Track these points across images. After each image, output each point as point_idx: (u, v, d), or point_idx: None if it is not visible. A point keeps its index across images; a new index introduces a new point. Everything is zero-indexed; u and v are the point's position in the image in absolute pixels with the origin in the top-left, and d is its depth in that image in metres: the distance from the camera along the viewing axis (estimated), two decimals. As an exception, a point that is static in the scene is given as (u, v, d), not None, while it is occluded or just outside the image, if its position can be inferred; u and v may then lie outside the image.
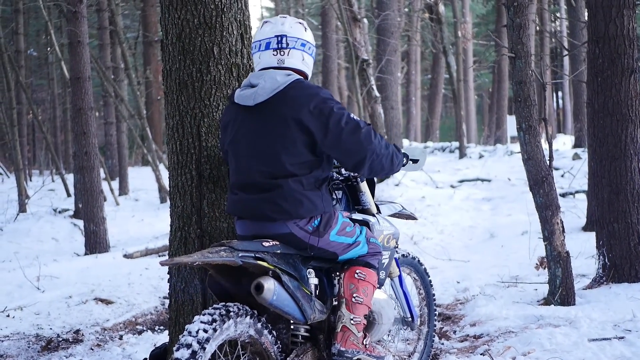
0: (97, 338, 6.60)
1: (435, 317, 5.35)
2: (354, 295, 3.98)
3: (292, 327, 3.96)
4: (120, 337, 6.58)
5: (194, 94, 4.42)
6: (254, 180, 3.80)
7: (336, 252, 3.99)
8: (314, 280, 3.96)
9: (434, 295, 5.36)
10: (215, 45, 4.42)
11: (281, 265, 3.67)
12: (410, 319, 4.97)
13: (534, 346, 5.10)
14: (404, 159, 4.31)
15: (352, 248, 4.07)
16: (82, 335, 6.73)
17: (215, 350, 3.39)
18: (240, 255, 3.49)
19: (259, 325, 3.58)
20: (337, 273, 4.18)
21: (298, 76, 3.88)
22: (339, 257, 4.04)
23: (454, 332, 6.06)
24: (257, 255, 3.57)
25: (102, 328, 7.02)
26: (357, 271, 4.06)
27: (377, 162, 3.90)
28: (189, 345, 3.17)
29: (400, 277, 4.94)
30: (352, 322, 3.95)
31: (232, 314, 3.39)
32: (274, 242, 3.73)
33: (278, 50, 3.88)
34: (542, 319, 5.79)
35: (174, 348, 3.20)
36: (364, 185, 4.54)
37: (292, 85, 3.79)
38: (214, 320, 3.30)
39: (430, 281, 5.34)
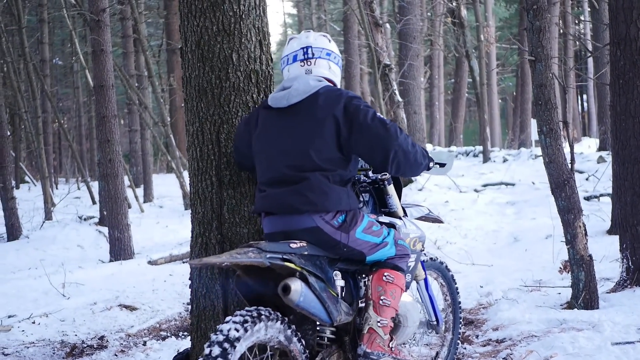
0: (121, 344, 6.65)
1: (461, 324, 5.34)
2: (382, 297, 4.02)
3: (318, 328, 4.01)
4: (144, 343, 6.62)
5: (213, 100, 4.44)
6: (282, 175, 3.89)
7: (363, 252, 4.01)
8: (340, 282, 4.00)
9: (459, 302, 5.37)
10: (234, 52, 4.44)
11: (308, 266, 3.72)
12: (435, 323, 4.99)
13: (556, 350, 5.07)
14: (430, 161, 4.32)
15: (380, 249, 4.09)
16: (107, 341, 6.78)
17: (244, 352, 3.42)
18: (267, 256, 3.55)
19: (289, 331, 3.62)
20: (364, 275, 4.22)
21: (328, 83, 4.08)
22: (366, 257, 4.06)
23: (477, 336, 6.05)
24: (284, 256, 3.62)
25: (126, 334, 7.06)
26: (385, 274, 4.09)
27: (403, 159, 3.96)
28: (219, 343, 3.22)
29: (426, 280, 4.96)
30: (378, 324, 3.98)
31: (263, 317, 3.43)
32: (301, 244, 3.77)
33: (305, 61, 4.09)
34: (564, 323, 5.76)
35: (205, 345, 3.25)
36: (391, 189, 4.56)
37: (323, 89, 3.96)
38: (246, 322, 3.34)
39: (457, 288, 5.34)
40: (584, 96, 47.72)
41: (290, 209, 3.82)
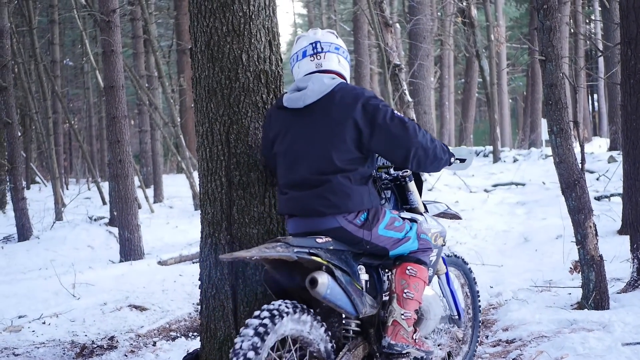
0: (131, 344, 6.65)
1: (481, 322, 5.36)
2: (405, 290, 4.11)
3: (343, 321, 4.08)
4: (154, 344, 6.63)
5: (223, 101, 4.44)
6: (304, 178, 3.96)
7: (386, 247, 4.11)
8: (364, 276, 4.11)
9: (479, 299, 5.45)
10: (244, 53, 4.45)
11: (334, 260, 3.81)
12: (457, 317, 5.05)
13: (566, 351, 5.05)
14: (451, 157, 4.39)
15: (402, 243, 4.19)
16: (117, 341, 6.78)
17: (275, 344, 3.52)
18: (295, 250, 3.65)
19: (316, 324, 3.71)
20: (387, 270, 4.33)
21: (342, 80, 4.14)
22: (389, 252, 4.16)
23: (487, 336, 6.03)
24: (311, 250, 3.72)
25: (136, 334, 7.06)
26: (409, 267, 4.18)
27: (423, 155, 4.05)
28: (249, 337, 3.31)
29: (447, 274, 5.03)
30: (402, 316, 4.07)
31: (291, 310, 3.53)
32: (326, 239, 3.88)
33: (315, 56, 4.16)
34: (575, 323, 5.74)
35: (235, 340, 3.33)
36: (412, 185, 4.64)
37: (338, 87, 4.02)
38: (274, 315, 3.43)
39: (474, 278, 5.43)
40: (595, 96, 47.58)
41: (313, 212, 3.92)
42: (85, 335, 7.06)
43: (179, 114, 24.81)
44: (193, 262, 10.96)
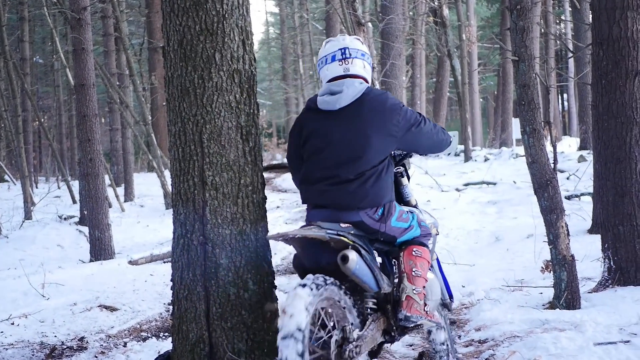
0: (101, 345, 6.58)
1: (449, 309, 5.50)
2: (414, 269, 4.52)
3: (364, 298, 4.43)
4: (125, 345, 6.56)
5: (196, 100, 4.40)
6: (336, 173, 4.34)
7: (395, 236, 4.55)
8: (378, 259, 4.56)
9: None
10: (217, 52, 4.41)
11: (358, 241, 4.26)
12: (449, 301, 5.29)
13: (539, 351, 5.07)
14: (449, 137, 4.85)
15: (408, 231, 4.61)
16: (87, 342, 6.71)
17: (317, 312, 3.90)
18: (327, 232, 4.09)
19: (347, 297, 4.10)
20: (395, 256, 4.71)
21: (368, 84, 4.53)
22: (397, 239, 4.59)
23: (459, 336, 6.03)
24: (339, 232, 4.16)
25: (106, 335, 7.00)
26: (414, 249, 4.59)
27: (436, 142, 4.70)
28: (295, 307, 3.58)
29: (438, 261, 5.33)
30: (414, 292, 4.46)
31: (328, 282, 3.90)
32: (347, 225, 4.29)
33: (343, 61, 4.49)
34: (547, 323, 5.76)
35: (282, 311, 3.52)
36: (405, 180, 4.99)
37: (368, 90, 4.42)
38: (317, 285, 3.77)
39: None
40: (565, 95, 47.96)
41: (341, 206, 4.33)
42: (55, 336, 6.98)
43: (150, 113, 24.63)
44: (164, 262, 10.90)
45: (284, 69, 46.26)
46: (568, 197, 13.35)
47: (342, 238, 4.14)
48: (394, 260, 4.74)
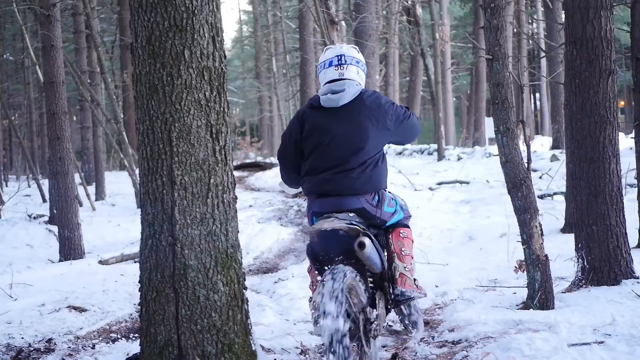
0: (69, 347, 6.46)
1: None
2: (402, 249, 5.13)
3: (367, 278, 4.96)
4: (93, 346, 6.44)
5: (165, 98, 4.31)
6: (341, 163, 4.89)
7: (386, 220, 5.13)
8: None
9: None
10: (186, 49, 4.32)
11: (366, 229, 4.83)
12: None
13: (513, 352, 5.01)
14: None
15: (395, 215, 5.20)
16: (55, 344, 6.59)
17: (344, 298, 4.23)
18: (345, 222, 4.66)
19: (359, 279, 4.60)
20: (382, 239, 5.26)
21: (362, 86, 5.13)
22: (386, 223, 5.15)
23: (432, 337, 5.96)
24: (351, 222, 4.72)
25: (75, 337, 6.87)
26: (401, 231, 5.21)
27: (418, 129, 5.35)
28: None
29: None
30: (405, 269, 5.08)
31: (347, 268, 4.38)
32: (353, 214, 4.84)
33: (339, 66, 5.08)
34: (521, 324, 5.71)
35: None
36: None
37: (363, 92, 5.03)
38: (343, 272, 4.28)
39: None
40: (537, 95, 48.20)
41: (344, 191, 4.87)
42: (22, 338, 6.84)
43: (122, 111, 24.48)
44: (135, 262, 10.77)
45: (257, 68, 46.16)
46: (541, 197, 13.38)
47: (356, 227, 4.69)
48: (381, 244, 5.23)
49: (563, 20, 7.40)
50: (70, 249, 11.19)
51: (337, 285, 4.11)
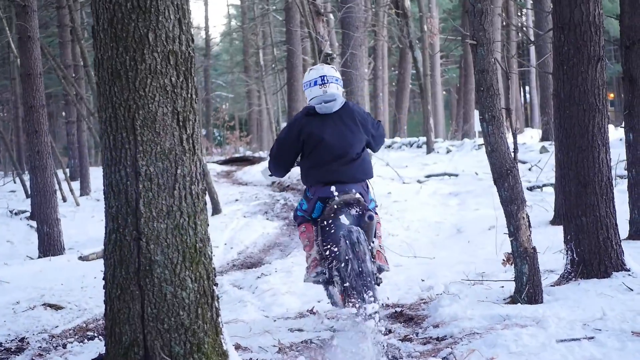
0: (40, 347, 6.24)
1: None
2: (376, 231, 6.24)
3: None
4: (64, 346, 6.21)
5: (128, 84, 4.05)
6: (344, 154, 6.09)
7: (367, 205, 6.14)
8: None
9: None
10: (151, 31, 4.06)
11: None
12: None
13: (499, 349, 4.81)
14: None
15: (372, 203, 6.37)
16: (27, 343, 6.39)
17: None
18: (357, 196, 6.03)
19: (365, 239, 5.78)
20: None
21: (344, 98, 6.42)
22: (367, 207, 6.10)
23: (416, 334, 5.73)
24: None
25: (49, 335, 6.70)
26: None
27: (384, 140, 6.72)
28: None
29: None
30: (380, 247, 6.26)
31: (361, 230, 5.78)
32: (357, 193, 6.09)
33: (322, 85, 6.26)
34: (508, 319, 5.51)
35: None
36: None
37: (347, 102, 6.34)
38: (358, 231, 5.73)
39: None
40: (527, 87, 48.09)
41: (354, 179, 6.13)
42: (-6, 337, 6.63)
43: (107, 105, 24.13)
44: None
45: (245, 61, 45.90)
46: (530, 188, 13.27)
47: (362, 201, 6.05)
48: None
49: (551, 7, 7.19)
50: (49, 244, 11.00)
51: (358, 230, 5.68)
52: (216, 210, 15.40)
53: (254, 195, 18.82)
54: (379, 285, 6.16)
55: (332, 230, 5.95)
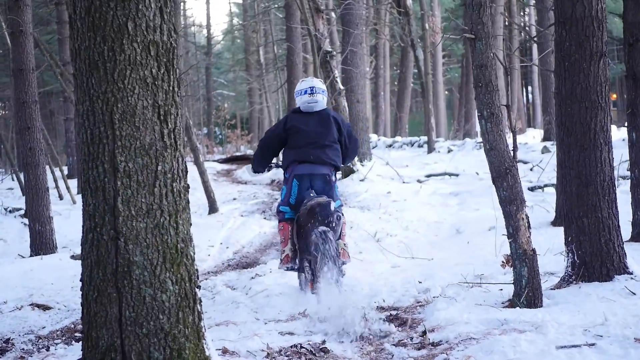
0: (23, 349, 6.05)
1: None
2: (342, 231, 7.30)
3: None
4: (48, 348, 6.02)
5: (106, 75, 3.86)
6: (317, 142, 7.35)
7: (333, 197, 7.33)
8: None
9: None
10: (130, 20, 3.87)
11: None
12: None
13: (496, 355, 4.63)
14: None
15: (337, 199, 7.43)
16: (12, 344, 6.21)
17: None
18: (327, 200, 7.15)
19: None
20: None
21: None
22: (332, 200, 7.24)
23: (411, 338, 5.53)
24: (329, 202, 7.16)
25: (36, 336, 6.52)
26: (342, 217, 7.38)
27: (356, 154, 8.12)
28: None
29: None
30: (344, 245, 7.32)
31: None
32: (326, 197, 7.20)
33: (311, 94, 7.52)
34: (506, 324, 5.33)
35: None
36: None
37: (328, 108, 7.71)
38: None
39: None
40: (529, 87, 47.96)
41: (323, 161, 7.34)
42: (-22, 338, 6.45)
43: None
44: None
45: (247, 59, 45.73)
46: (531, 189, 13.12)
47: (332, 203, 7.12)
48: None
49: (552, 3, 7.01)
50: (41, 243, 10.83)
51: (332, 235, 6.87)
52: (213, 209, 15.22)
53: (252, 194, 18.66)
54: (342, 277, 7.12)
55: (306, 229, 7.09)
